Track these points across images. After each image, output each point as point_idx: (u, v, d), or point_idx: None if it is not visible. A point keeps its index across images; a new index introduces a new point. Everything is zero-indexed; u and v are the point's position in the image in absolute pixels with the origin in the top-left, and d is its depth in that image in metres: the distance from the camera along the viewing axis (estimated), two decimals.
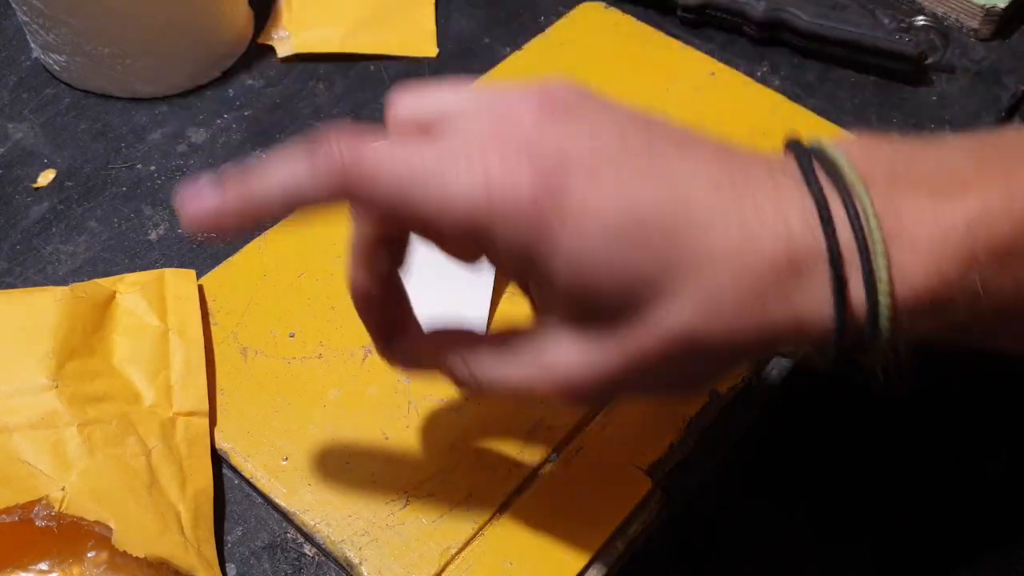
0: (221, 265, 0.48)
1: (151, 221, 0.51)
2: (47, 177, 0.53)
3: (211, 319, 0.46)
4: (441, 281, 0.47)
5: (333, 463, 0.42)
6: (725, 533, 0.61)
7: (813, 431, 0.79)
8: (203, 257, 0.49)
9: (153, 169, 0.54)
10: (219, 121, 0.56)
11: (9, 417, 0.37)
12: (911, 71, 0.58)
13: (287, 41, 0.60)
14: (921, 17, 0.60)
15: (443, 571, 0.39)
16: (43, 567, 0.38)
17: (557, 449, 0.42)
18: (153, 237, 0.50)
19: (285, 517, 0.41)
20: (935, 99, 0.58)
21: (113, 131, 0.55)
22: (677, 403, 0.43)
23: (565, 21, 0.61)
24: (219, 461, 0.42)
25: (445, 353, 0.34)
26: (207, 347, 0.44)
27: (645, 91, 0.57)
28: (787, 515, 0.62)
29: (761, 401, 0.45)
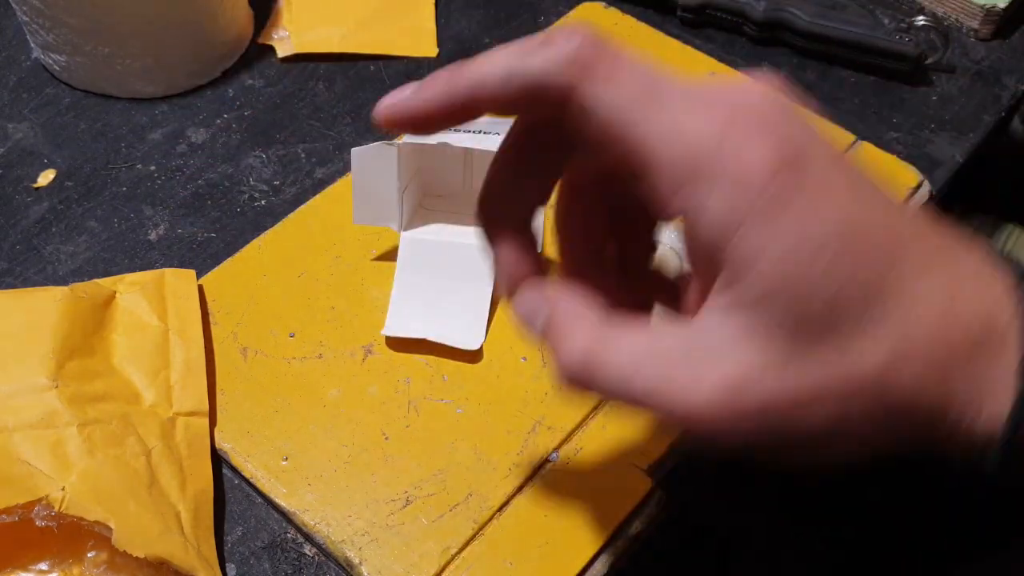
0: (221, 265, 0.48)
1: (151, 221, 0.51)
2: (47, 177, 0.53)
3: (211, 319, 0.46)
4: (439, 290, 0.47)
5: (333, 463, 0.42)
6: (725, 533, 0.61)
7: None
8: (203, 257, 0.49)
9: (153, 169, 0.54)
10: (219, 121, 0.56)
11: (9, 417, 0.37)
12: (911, 71, 0.58)
13: (287, 41, 0.60)
14: (921, 17, 0.60)
15: (443, 571, 0.39)
16: (43, 567, 0.38)
17: (557, 449, 0.42)
18: (153, 237, 0.50)
19: (285, 517, 0.41)
20: (935, 99, 0.58)
21: (113, 131, 0.55)
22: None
23: (565, 21, 0.61)
24: (219, 461, 0.42)
25: (568, 328, 0.29)
26: (207, 347, 0.44)
27: None
28: (787, 515, 0.62)
29: None
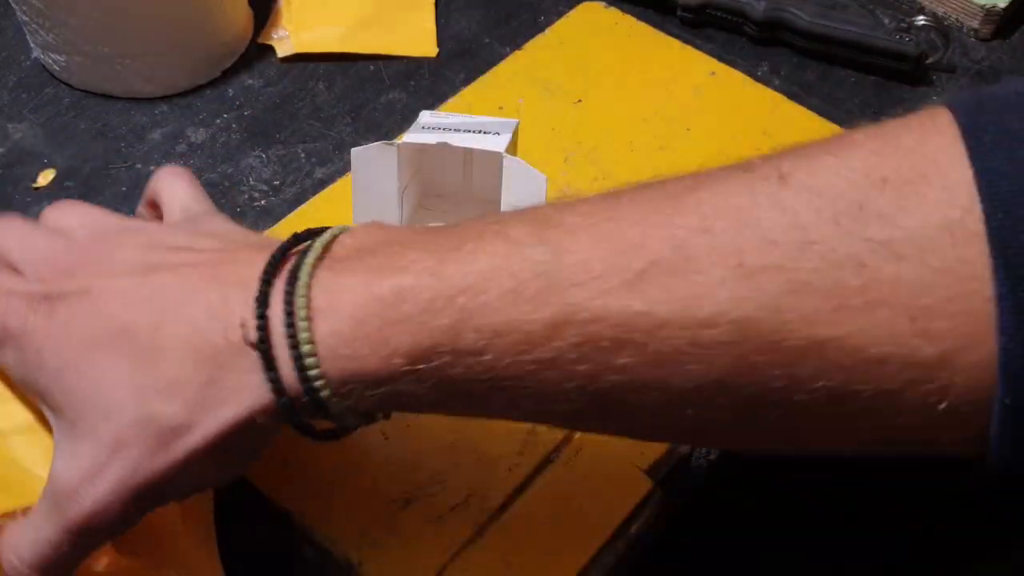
0: None
1: None
2: (47, 177, 0.53)
3: None
4: None
5: (333, 463, 0.42)
6: (725, 533, 0.60)
7: None
8: None
9: (153, 169, 0.53)
10: (219, 121, 0.56)
11: (4, 422, 0.37)
12: (911, 71, 0.58)
13: (287, 41, 0.60)
14: (921, 17, 0.60)
15: (443, 572, 0.39)
16: None
17: (557, 449, 0.42)
18: None
19: (284, 518, 0.41)
20: (935, 99, 0.58)
21: (113, 131, 0.55)
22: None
23: (565, 21, 0.61)
24: None
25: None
26: None
27: (645, 91, 0.57)
28: (788, 514, 0.62)
29: None
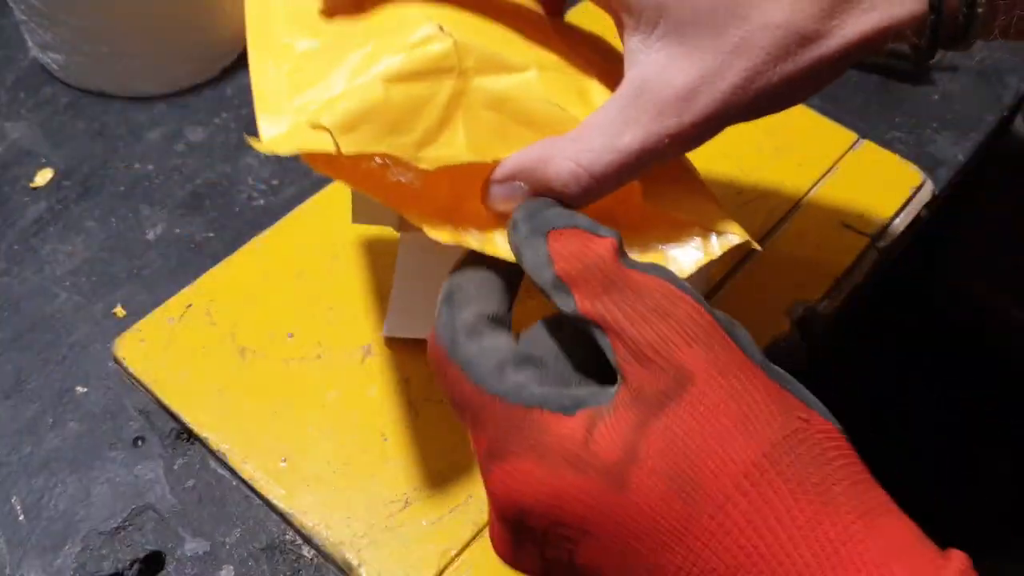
0: (220, 265, 0.48)
1: (149, 220, 0.51)
2: (44, 176, 0.53)
3: (209, 319, 0.46)
4: (438, 291, 0.46)
5: (332, 465, 0.41)
6: None
7: None
8: (201, 257, 0.49)
9: (151, 168, 0.53)
10: (217, 120, 0.56)
11: (525, 58, 0.35)
12: (913, 70, 0.58)
13: None
14: None
15: (442, 573, 0.39)
16: None
17: None
18: (151, 237, 0.50)
19: (284, 519, 0.41)
20: (937, 98, 0.58)
21: (111, 130, 0.55)
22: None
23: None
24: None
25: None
26: None
27: None
28: None
29: None
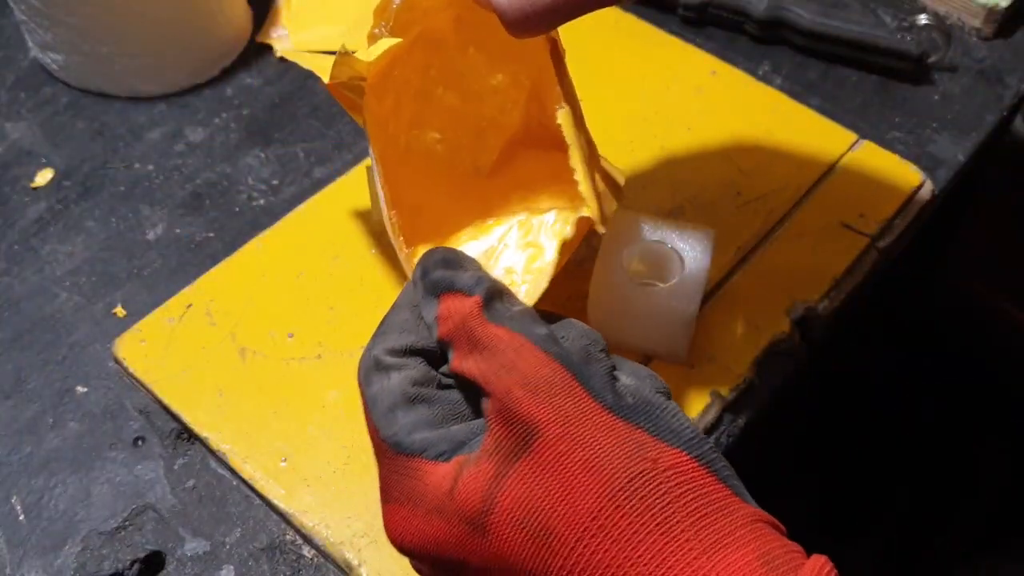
0: (220, 265, 0.48)
1: (149, 221, 0.51)
2: (45, 177, 0.53)
3: (209, 319, 0.46)
4: None
5: (332, 465, 0.41)
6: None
7: (813, 430, 0.79)
8: (201, 257, 0.49)
9: (151, 168, 0.53)
10: (217, 120, 0.56)
11: None
12: (913, 70, 0.58)
13: (286, 40, 0.60)
14: (923, 16, 0.59)
15: None
16: None
17: None
18: (151, 237, 0.50)
19: (284, 519, 0.41)
20: (937, 98, 0.58)
21: (111, 130, 0.55)
22: None
23: None
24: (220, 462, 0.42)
25: None
26: None
27: (646, 90, 0.56)
28: (788, 514, 0.62)
29: (761, 401, 0.45)
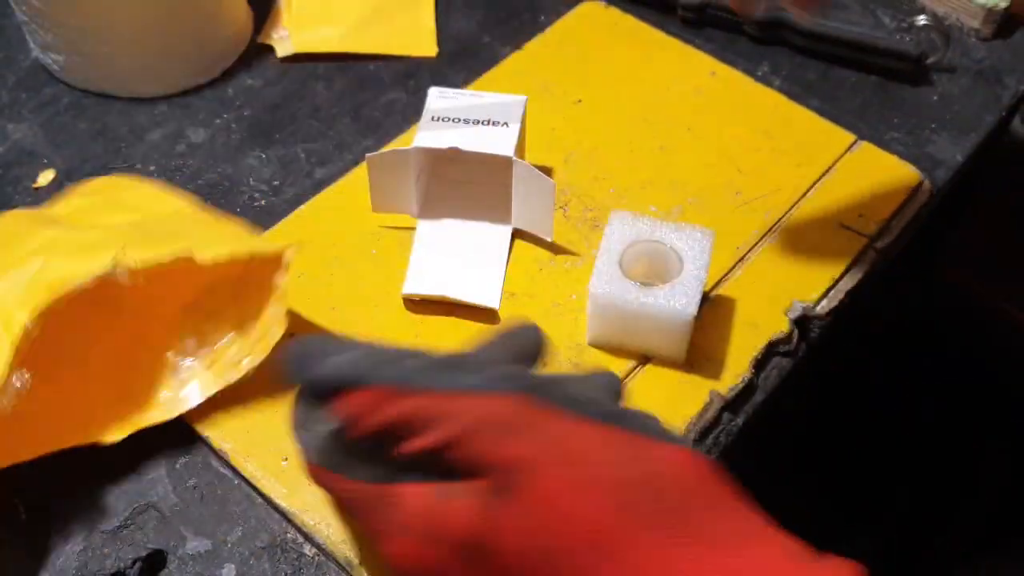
0: None
1: None
2: (47, 177, 0.53)
3: None
4: (456, 252, 0.48)
5: None
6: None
7: (812, 430, 0.79)
8: None
9: (152, 169, 0.53)
10: (218, 121, 0.56)
11: None
12: (912, 71, 0.58)
13: (287, 41, 0.60)
14: (922, 17, 0.60)
15: None
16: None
17: None
18: None
19: (285, 517, 0.41)
20: (936, 99, 0.58)
21: (112, 131, 0.55)
22: None
23: (565, 21, 0.61)
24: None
25: None
26: None
27: (645, 91, 0.57)
28: (787, 514, 0.62)
29: (760, 401, 0.45)
